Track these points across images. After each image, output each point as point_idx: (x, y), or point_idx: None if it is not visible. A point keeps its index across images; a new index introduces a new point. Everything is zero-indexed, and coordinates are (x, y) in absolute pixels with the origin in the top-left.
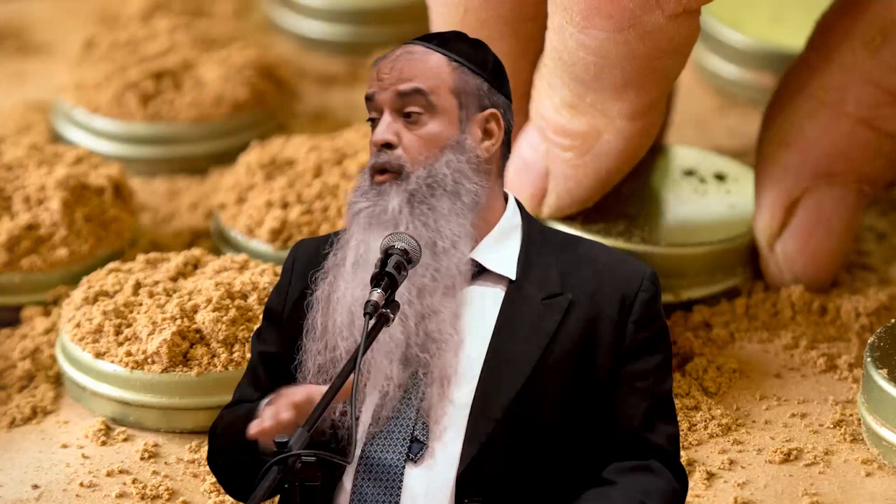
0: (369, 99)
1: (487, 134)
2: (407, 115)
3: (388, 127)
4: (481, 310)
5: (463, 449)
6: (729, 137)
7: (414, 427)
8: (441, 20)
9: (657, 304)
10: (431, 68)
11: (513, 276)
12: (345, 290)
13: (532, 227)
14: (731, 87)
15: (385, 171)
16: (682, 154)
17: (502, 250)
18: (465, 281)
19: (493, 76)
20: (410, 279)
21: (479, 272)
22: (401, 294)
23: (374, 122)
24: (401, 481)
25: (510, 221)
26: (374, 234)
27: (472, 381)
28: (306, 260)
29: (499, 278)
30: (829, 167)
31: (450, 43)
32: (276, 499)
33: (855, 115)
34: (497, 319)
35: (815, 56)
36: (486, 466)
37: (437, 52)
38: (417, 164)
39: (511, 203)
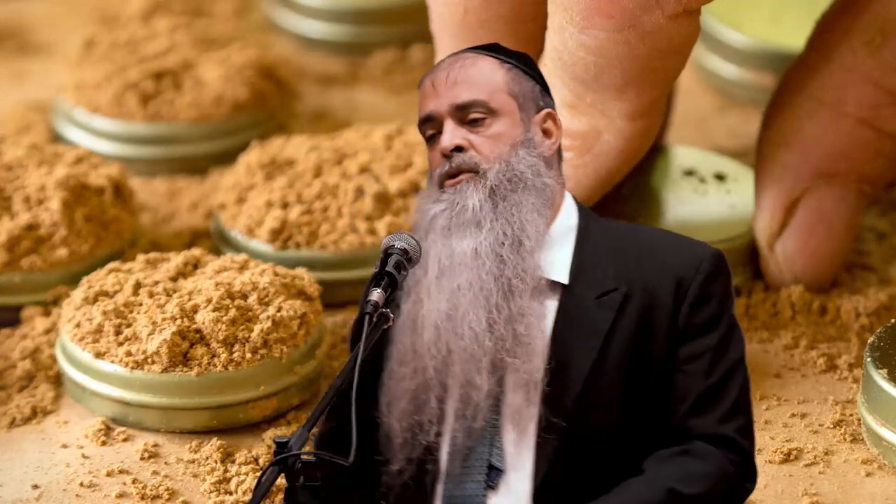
0: (428, 119)
1: (546, 133)
2: (471, 122)
3: (453, 132)
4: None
5: (535, 466)
6: (729, 137)
7: (490, 454)
8: (441, 20)
9: (714, 284)
10: (484, 74)
11: (565, 281)
12: (429, 306)
13: (588, 225)
14: (731, 87)
15: (458, 174)
16: (682, 154)
17: (555, 255)
18: (546, 281)
19: (541, 80)
20: (497, 281)
21: None
22: (488, 298)
23: (433, 138)
24: None
25: (564, 223)
26: (456, 238)
27: (536, 397)
28: None
29: (552, 284)
30: (830, 167)
31: (498, 48)
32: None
33: (855, 115)
34: (553, 329)
35: (815, 56)
36: (559, 478)
37: (488, 56)
38: (492, 161)
39: (567, 202)
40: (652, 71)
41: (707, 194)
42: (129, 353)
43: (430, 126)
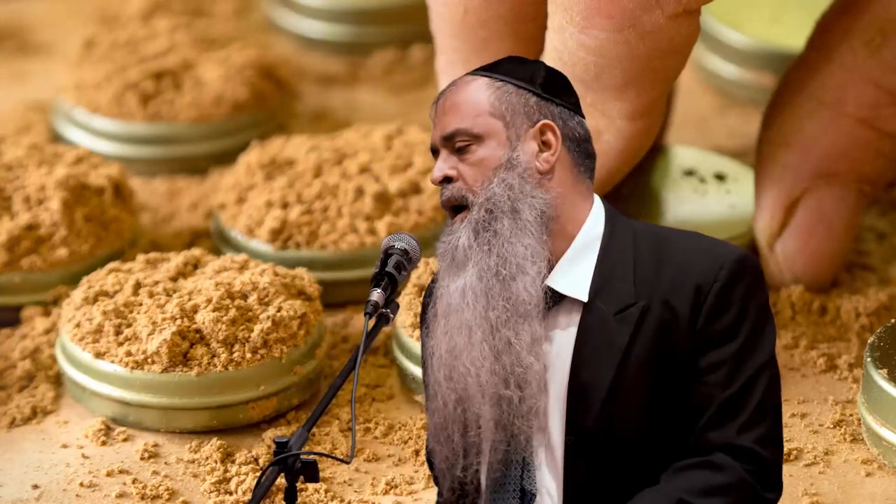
0: (433, 151)
1: (546, 146)
2: (458, 150)
3: (443, 163)
4: (559, 341)
5: (564, 486)
6: (729, 137)
7: (522, 478)
8: (441, 20)
9: (734, 290)
10: (470, 99)
11: (584, 298)
12: (439, 345)
13: (614, 232)
14: (731, 87)
15: (458, 210)
16: (682, 154)
17: (576, 271)
18: (541, 302)
19: (544, 89)
20: (482, 317)
21: (557, 298)
22: (477, 334)
23: None
24: None
25: (589, 234)
26: (451, 278)
27: (560, 420)
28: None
29: (573, 302)
30: (830, 167)
31: (499, 65)
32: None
33: (855, 115)
34: (573, 350)
35: (815, 56)
36: (587, 495)
37: (482, 76)
38: (476, 191)
39: (595, 210)
40: (652, 71)
41: (707, 194)
42: (129, 353)
43: (436, 158)
